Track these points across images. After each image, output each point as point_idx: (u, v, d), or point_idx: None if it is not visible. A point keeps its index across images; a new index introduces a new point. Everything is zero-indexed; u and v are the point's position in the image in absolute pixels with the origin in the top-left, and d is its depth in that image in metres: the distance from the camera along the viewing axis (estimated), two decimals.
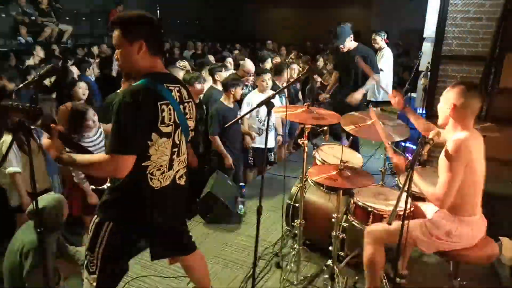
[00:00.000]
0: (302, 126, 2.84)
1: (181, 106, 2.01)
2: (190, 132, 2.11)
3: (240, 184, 4.47)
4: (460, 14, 4.27)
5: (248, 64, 5.49)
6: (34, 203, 2.16)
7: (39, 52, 7.79)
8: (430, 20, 4.52)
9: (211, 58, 7.81)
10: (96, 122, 3.43)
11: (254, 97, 4.54)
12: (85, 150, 2.10)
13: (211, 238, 3.73)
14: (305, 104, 2.81)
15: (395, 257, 2.04)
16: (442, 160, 2.26)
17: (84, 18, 11.26)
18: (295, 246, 3.02)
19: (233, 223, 3.96)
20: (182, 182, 2.15)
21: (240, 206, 4.16)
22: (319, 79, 7.44)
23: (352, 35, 4.57)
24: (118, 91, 3.98)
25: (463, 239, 2.27)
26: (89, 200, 3.28)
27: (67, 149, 1.96)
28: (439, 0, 4.32)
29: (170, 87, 1.95)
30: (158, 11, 13.00)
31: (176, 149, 2.01)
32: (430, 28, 4.55)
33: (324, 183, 2.44)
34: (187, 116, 2.06)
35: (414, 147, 5.49)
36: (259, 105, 2.32)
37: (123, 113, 1.78)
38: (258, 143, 4.67)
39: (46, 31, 9.74)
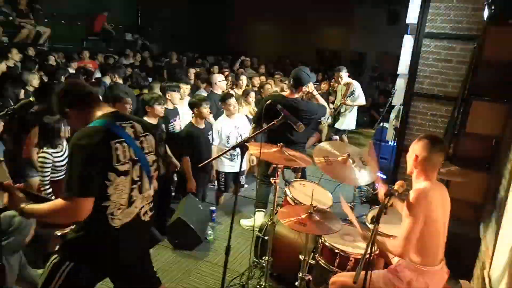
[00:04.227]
0: (275, 165, 2.89)
1: (137, 142, 2.03)
2: (151, 167, 2.11)
3: (211, 208, 4.47)
4: (432, 55, 4.44)
5: (220, 78, 5.84)
6: None
7: (15, 56, 7.57)
8: (404, 58, 4.68)
9: (192, 71, 7.77)
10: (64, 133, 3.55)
11: (223, 123, 4.62)
12: (45, 199, 2.07)
13: (178, 265, 3.69)
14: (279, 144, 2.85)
15: None
16: (404, 208, 2.34)
17: (63, 21, 11.02)
18: (261, 282, 3.04)
19: (201, 250, 3.94)
20: (146, 218, 2.14)
21: (210, 232, 4.15)
22: None
23: None
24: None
25: None
26: None
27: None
28: (413, 40, 4.49)
29: (122, 125, 1.99)
30: (139, 19, 12.92)
31: (135, 186, 2.01)
32: (404, 65, 4.70)
33: (293, 227, 2.48)
34: (146, 151, 2.08)
35: (385, 176, 5.64)
36: (234, 147, 2.34)
37: (77, 155, 1.82)
38: (229, 167, 4.69)
39: (23, 32, 9.50)
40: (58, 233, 1.96)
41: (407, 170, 2.50)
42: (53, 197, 3.22)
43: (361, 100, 6.63)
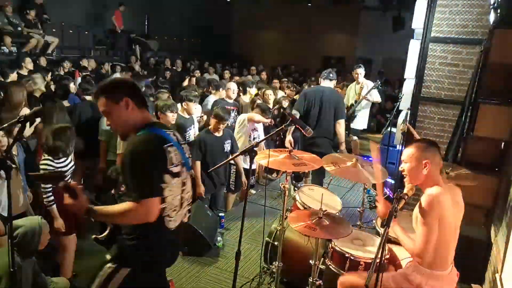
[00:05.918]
0: (284, 171, 2.90)
1: (182, 147, 2.15)
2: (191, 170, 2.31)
3: (220, 214, 4.48)
4: (438, 59, 4.45)
5: (233, 85, 5.80)
6: (9, 226, 2.16)
7: (28, 64, 7.68)
8: (410, 62, 4.69)
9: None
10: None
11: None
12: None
13: (188, 271, 3.70)
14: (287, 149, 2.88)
15: None
16: (416, 215, 2.33)
17: (71, 31, 11.19)
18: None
19: (210, 256, 3.95)
20: (186, 219, 2.24)
21: (219, 238, 4.16)
22: None
23: None
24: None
25: None
26: (55, 225, 3.19)
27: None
28: (419, 44, 4.51)
29: (167, 132, 2.10)
30: (146, 27, 13.07)
31: (184, 188, 2.13)
32: (410, 70, 4.71)
33: (303, 232, 2.49)
34: (187, 155, 2.20)
35: (393, 181, 5.62)
36: (242, 153, 2.37)
37: (139, 161, 1.91)
38: (246, 164, 4.70)
39: (32, 42, 9.65)
40: (96, 236, 2.02)
41: (414, 182, 2.35)
42: (54, 205, 3.19)
43: (378, 97, 6.89)
